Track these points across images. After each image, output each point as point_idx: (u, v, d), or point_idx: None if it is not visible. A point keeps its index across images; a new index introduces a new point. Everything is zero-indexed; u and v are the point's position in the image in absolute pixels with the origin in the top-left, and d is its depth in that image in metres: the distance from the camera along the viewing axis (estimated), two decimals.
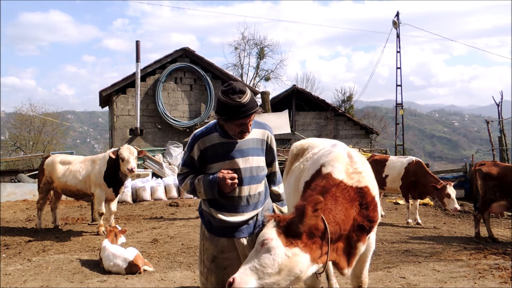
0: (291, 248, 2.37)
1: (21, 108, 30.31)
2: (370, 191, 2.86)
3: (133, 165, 7.08)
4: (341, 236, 2.66)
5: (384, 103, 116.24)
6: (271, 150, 2.88)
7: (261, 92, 16.75)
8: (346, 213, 2.68)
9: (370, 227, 2.85)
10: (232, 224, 2.71)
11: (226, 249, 2.73)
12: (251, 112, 2.59)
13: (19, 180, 13.58)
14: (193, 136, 2.77)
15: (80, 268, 5.35)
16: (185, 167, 2.81)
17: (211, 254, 2.76)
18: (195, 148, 2.72)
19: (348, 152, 3.00)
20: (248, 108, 2.56)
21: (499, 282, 4.58)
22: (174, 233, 7.44)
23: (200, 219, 2.87)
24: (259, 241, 2.39)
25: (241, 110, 2.55)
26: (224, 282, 2.71)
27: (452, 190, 7.67)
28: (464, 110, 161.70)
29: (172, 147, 15.02)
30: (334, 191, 2.70)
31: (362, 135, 22.73)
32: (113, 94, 16.48)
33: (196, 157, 2.73)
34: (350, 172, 2.84)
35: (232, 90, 2.55)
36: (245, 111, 2.56)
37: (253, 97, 2.61)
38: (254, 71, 30.96)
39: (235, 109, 2.54)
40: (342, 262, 2.70)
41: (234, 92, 2.55)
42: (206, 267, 2.79)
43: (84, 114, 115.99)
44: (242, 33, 30.18)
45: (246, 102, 2.55)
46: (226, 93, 2.56)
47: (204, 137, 2.71)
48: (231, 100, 2.54)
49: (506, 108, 23.71)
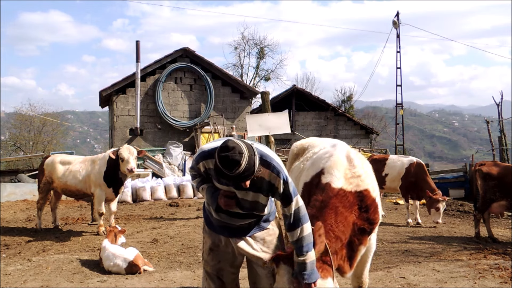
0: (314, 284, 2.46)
1: (21, 108, 30.34)
2: (370, 193, 2.87)
3: (133, 165, 7.08)
4: (343, 245, 2.71)
5: (384, 103, 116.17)
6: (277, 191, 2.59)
7: (261, 92, 16.64)
8: (346, 222, 2.73)
9: (371, 229, 2.87)
10: (229, 224, 2.78)
11: (221, 244, 2.84)
12: (246, 179, 2.42)
13: (19, 180, 13.58)
14: (201, 154, 2.72)
15: (80, 268, 5.35)
16: (193, 170, 2.83)
17: (208, 246, 2.88)
18: (200, 165, 2.73)
19: (347, 154, 3.00)
20: (244, 176, 2.38)
21: (499, 282, 4.58)
22: (174, 233, 7.44)
23: (203, 214, 2.98)
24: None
25: (236, 178, 2.40)
26: (219, 275, 2.87)
27: (443, 205, 7.93)
28: (464, 110, 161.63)
29: (172, 147, 15.02)
30: (334, 202, 2.75)
31: (362, 135, 22.74)
32: (113, 94, 16.46)
33: (201, 170, 2.76)
34: (349, 177, 2.85)
35: (226, 162, 2.35)
36: (241, 179, 2.41)
37: (250, 162, 2.37)
38: (254, 71, 31.00)
39: (230, 178, 2.41)
40: (345, 267, 2.77)
41: (229, 165, 2.35)
42: (204, 259, 2.93)
43: (84, 114, 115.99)
44: (242, 33, 30.23)
45: (241, 171, 2.36)
46: (221, 163, 2.38)
47: (209, 160, 2.65)
48: (226, 171, 2.38)
49: (506, 108, 23.72)
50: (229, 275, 2.90)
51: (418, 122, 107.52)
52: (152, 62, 16.84)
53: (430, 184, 8.26)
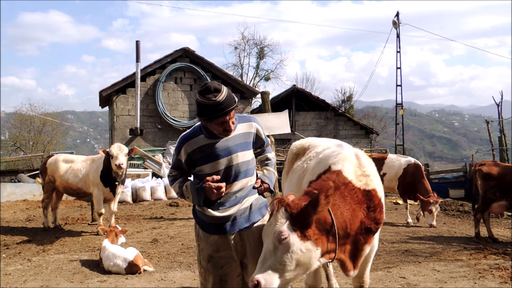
0: (305, 242, 2.38)
1: (21, 108, 30.27)
2: (377, 193, 2.87)
3: (121, 161, 7.02)
4: (348, 237, 2.66)
5: (384, 103, 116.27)
6: (259, 138, 2.88)
7: (261, 92, 16.68)
8: (354, 213, 2.68)
9: (377, 228, 2.87)
10: (224, 220, 2.69)
11: (221, 247, 2.73)
12: (228, 110, 2.56)
13: (19, 180, 13.58)
14: (180, 139, 2.80)
15: (80, 268, 5.35)
16: (174, 170, 2.85)
17: (206, 254, 2.76)
18: (182, 151, 2.74)
19: (356, 153, 3.01)
20: (225, 106, 2.54)
21: (499, 282, 4.58)
22: (174, 233, 7.44)
23: (194, 220, 2.87)
24: (275, 236, 2.37)
25: (218, 108, 2.53)
26: (222, 281, 2.74)
27: (435, 207, 7.93)
28: (464, 110, 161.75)
29: (172, 147, 15.00)
30: (343, 189, 2.71)
31: (362, 135, 22.73)
32: (113, 94, 16.46)
33: (183, 160, 2.75)
34: (358, 175, 2.84)
35: (206, 90, 2.56)
36: (222, 109, 2.54)
37: (230, 94, 2.59)
38: (254, 71, 30.96)
39: (212, 108, 2.54)
40: (349, 264, 2.73)
41: (209, 92, 2.54)
42: (203, 268, 2.79)
43: (84, 114, 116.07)
44: (242, 33, 30.18)
45: (222, 100, 2.53)
46: (201, 93, 2.56)
47: (191, 140, 2.72)
48: (207, 100, 2.53)
49: (506, 108, 23.74)
50: (234, 278, 2.77)
51: (418, 122, 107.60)
52: (152, 62, 16.84)
53: (425, 186, 8.28)
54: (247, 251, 2.72)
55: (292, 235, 2.36)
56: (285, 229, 2.37)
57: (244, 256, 2.74)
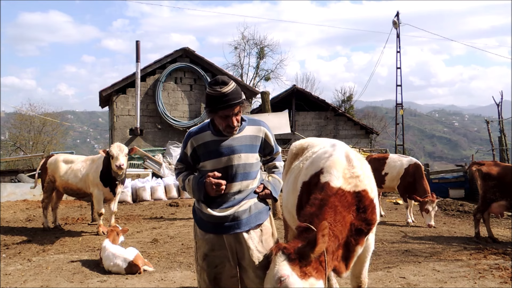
0: (307, 279, 2.39)
1: (21, 108, 30.27)
2: (368, 194, 2.87)
3: (122, 161, 7.02)
4: (340, 245, 2.68)
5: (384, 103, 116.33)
6: (267, 144, 2.89)
7: (261, 92, 16.68)
8: (344, 221, 2.71)
9: (368, 229, 2.87)
10: (221, 219, 2.69)
11: (216, 247, 2.74)
12: (233, 103, 2.59)
13: (19, 180, 13.58)
14: (188, 134, 2.85)
15: (80, 268, 5.35)
16: (180, 163, 2.92)
17: (202, 252, 2.78)
18: (188, 145, 2.79)
19: (346, 154, 3.00)
20: (229, 99, 2.58)
21: (499, 282, 4.58)
22: (174, 233, 7.44)
23: (193, 218, 2.89)
24: (275, 279, 2.37)
25: (222, 100, 2.57)
26: (216, 279, 2.76)
27: (432, 207, 7.88)
28: (464, 110, 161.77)
29: (172, 147, 15.01)
30: (333, 200, 2.72)
31: (362, 135, 22.73)
32: (113, 94, 16.46)
33: (189, 153, 2.81)
34: (348, 177, 2.85)
35: (215, 82, 2.64)
36: (226, 101, 2.58)
37: (237, 90, 2.63)
38: (254, 71, 30.97)
39: (217, 99, 2.59)
40: (341, 268, 2.75)
41: (217, 83, 2.62)
42: (199, 265, 2.82)
43: (84, 114, 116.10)
44: (242, 33, 30.20)
45: (228, 92, 2.58)
46: (210, 85, 2.65)
47: (198, 135, 2.77)
48: (213, 91, 2.60)
49: (506, 108, 23.73)
50: (228, 278, 2.78)
51: (418, 122, 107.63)
52: (152, 62, 16.83)
53: (424, 186, 8.28)
54: (245, 255, 2.71)
55: (292, 276, 2.36)
56: (283, 270, 2.37)
57: (242, 258, 2.73)
